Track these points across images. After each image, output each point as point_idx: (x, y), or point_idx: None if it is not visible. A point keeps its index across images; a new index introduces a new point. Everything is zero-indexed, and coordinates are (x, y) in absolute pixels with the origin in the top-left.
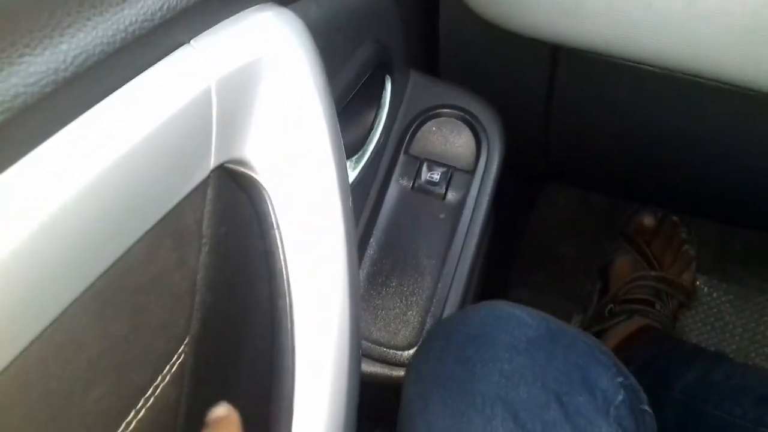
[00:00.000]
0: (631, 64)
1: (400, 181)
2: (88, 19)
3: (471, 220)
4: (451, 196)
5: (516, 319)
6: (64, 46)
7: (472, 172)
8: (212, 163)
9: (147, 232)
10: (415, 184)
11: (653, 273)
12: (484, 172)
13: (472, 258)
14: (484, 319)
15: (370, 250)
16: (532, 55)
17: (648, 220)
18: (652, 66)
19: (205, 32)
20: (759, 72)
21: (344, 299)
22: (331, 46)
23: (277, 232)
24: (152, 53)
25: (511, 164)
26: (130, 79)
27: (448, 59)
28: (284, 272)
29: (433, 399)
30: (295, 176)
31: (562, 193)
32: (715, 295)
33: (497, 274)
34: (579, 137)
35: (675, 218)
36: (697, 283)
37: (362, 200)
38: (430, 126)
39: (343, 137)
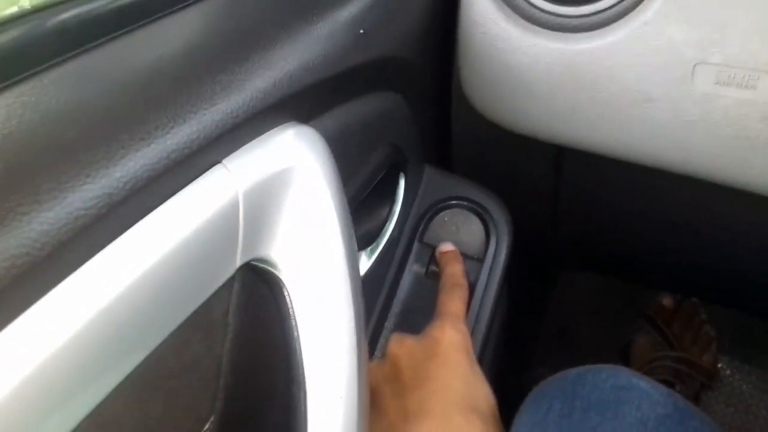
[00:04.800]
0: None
1: (414, 268)
2: (137, 150)
3: (481, 305)
4: None
5: (641, 392)
6: (117, 174)
7: (481, 260)
8: (238, 262)
9: (180, 326)
10: (429, 271)
11: (673, 354)
12: (493, 260)
13: (481, 342)
14: (607, 386)
15: (386, 332)
16: (538, 153)
17: (667, 301)
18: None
19: (237, 152)
20: (747, 175)
21: (352, 387)
22: (347, 152)
23: (294, 322)
24: (190, 173)
25: (524, 252)
26: (170, 197)
27: (460, 156)
28: (299, 360)
29: None
30: (311, 273)
31: (581, 274)
32: (737, 376)
33: (516, 354)
34: (587, 229)
35: (694, 299)
36: (719, 364)
37: (378, 287)
38: (443, 216)
39: (359, 230)
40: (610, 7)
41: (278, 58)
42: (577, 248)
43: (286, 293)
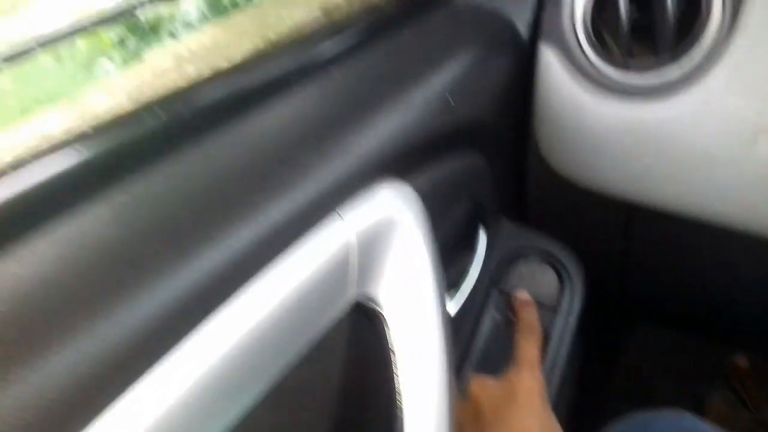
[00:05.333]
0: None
1: (492, 314)
2: (271, 203)
3: (556, 352)
4: None
5: None
6: (260, 218)
7: (556, 309)
8: (351, 299)
9: (301, 353)
10: (505, 317)
11: (749, 415)
12: (568, 309)
13: (557, 387)
14: (672, 428)
15: (466, 374)
16: (609, 208)
17: (742, 362)
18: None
19: (348, 203)
20: None
21: (444, 422)
22: (436, 206)
23: (393, 355)
24: (310, 220)
25: (597, 304)
26: (295, 241)
27: (535, 209)
28: (397, 386)
29: None
30: (408, 311)
31: (655, 331)
32: None
33: (590, 405)
34: (658, 285)
35: None
36: None
37: (458, 331)
38: (519, 266)
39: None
40: (675, 77)
41: (381, 123)
42: (649, 303)
43: (386, 328)
